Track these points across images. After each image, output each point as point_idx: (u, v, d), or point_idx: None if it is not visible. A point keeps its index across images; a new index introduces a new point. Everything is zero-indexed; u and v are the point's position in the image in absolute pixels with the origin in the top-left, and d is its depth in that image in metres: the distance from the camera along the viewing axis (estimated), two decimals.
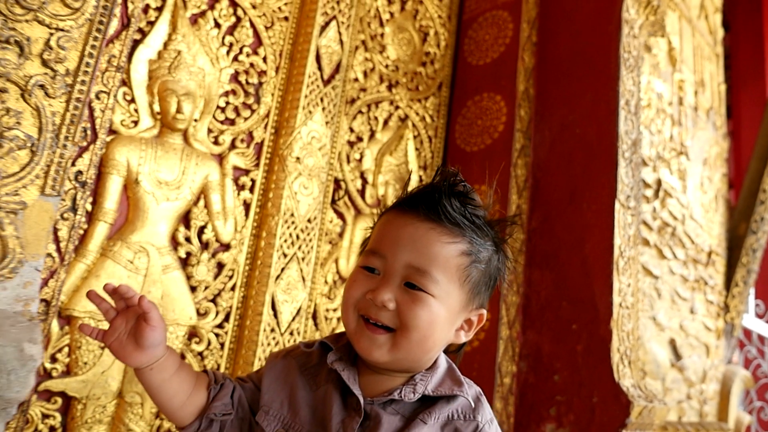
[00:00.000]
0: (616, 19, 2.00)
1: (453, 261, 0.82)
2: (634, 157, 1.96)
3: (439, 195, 0.82)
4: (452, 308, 0.83)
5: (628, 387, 1.71)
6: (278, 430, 0.84)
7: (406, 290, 0.81)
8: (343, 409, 0.82)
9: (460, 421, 0.82)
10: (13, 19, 0.66)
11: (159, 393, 0.83)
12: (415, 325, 0.80)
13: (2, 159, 0.64)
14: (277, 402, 0.86)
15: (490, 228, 0.87)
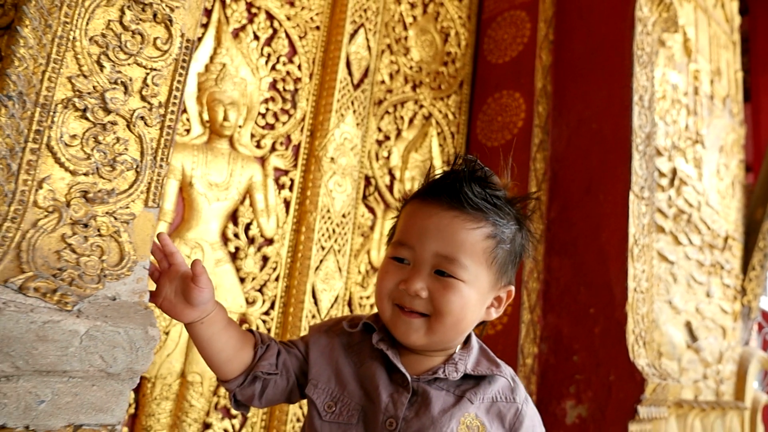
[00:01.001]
0: (629, 17, 2.10)
1: (479, 245, 0.85)
2: (647, 150, 2.06)
3: (459, 183, 0.85)
4: (482, 290, 0.87)
5: (643, 366, 1.84)
6: (328, 403, 0.88)
7: (436, 278, 0.84)
8: (389, 385, 0.86)
9: (503, 403, 0.87)
10: (119, 63, 0.81)
11: (209, 346, 0.86)
12: (449, 310, 0.83)
13: (116, 179, 0.79)
14: (324, 376, 0.89)
15: (511, 206, 0.89)
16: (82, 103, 0.76)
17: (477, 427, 0.83)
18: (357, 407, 0.87)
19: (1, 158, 0.69)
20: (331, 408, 0.88)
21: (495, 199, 0.86)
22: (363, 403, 0.87)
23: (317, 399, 0.88)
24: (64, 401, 0.68)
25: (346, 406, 0.87)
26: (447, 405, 0.84)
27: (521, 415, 0.86)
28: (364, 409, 0.86)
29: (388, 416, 0.83)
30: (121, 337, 0.69)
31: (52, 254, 0.71)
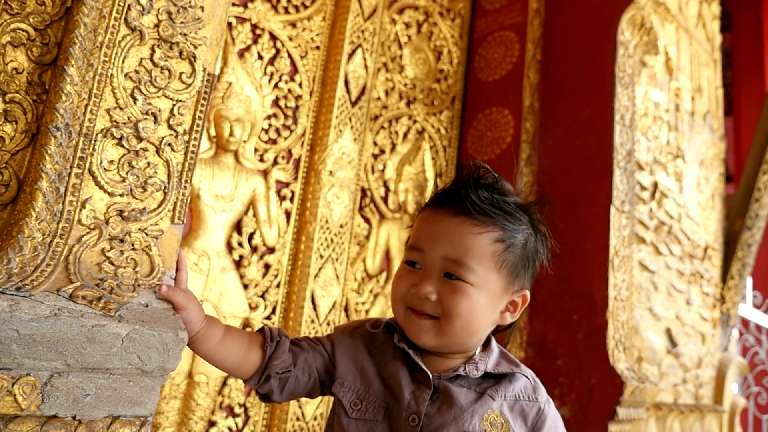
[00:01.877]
0: (611, 40, 2.22)
1: (487, 249, 0.86)
2: (628, 166, 2.18)
3: (465, 190, 0.87)
4: (492, 293, 0.88)
5: (622, 370, 1.95)
6: (354, 401, 0.90)
7: (446, 281, 0.86)
8: (411, 383, 0.88)
9: (526, 402, 0.88)
10: (150, 96, 0.91)
11: (211, 358, 0.89)
12: (457, 312, 0.85)
13: (147, 199, 0.89)
14: (350, 375, 0.92)
15: (524, 211, 0.90)
16: (119, 133, 0.86)
17: (501, 424, 0.85)
18: (382, 405, 0.89)
19: (51, 182, 0.79)
20: (357, 406, 0.90)
21: (504, 204, 0.88)
22: (388, 401, 0.89)
23: (344, 397, 0.90)
24: (105, 395, 0.77)
25: (371, 404, 0.90)
26: (469, 401, 0.86)
27: (544, 414, 0.88)
28: (389, 406, 0.88)
29: (410, 412, 0.85)
30: (155, 339, 0.79)
31: (94, 266, 0.81)
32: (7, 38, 0.85)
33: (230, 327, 0.93)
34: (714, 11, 3.71)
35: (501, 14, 2.50)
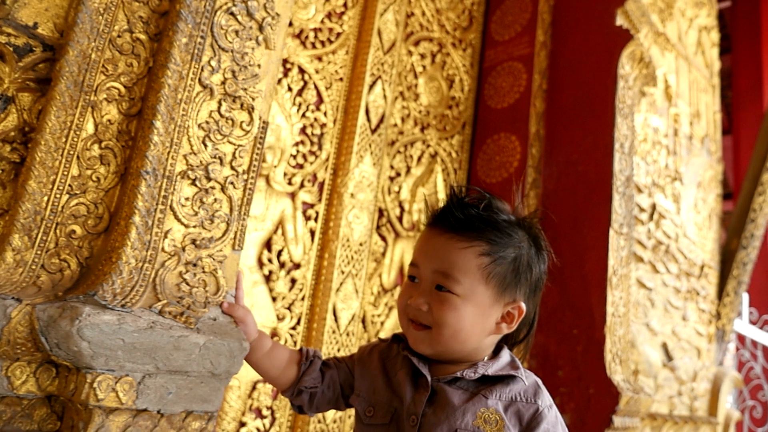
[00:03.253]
0: (612, 73, 2.39)
1: (472, 262, 0.91)
2: (627, 191, 2.35)
3: (449, 209, 0.95)
4: (481, 304, 0.92)
5: (619, 381, 2.10)
6: (368, 409, 0.98)
7: (436, 293, 0.92)
8: (414, 388, 0.95)
9: (523, 403, 0.90)
10: (217, 142, 1.08)
11: (258, 367, 1.03)
12: (445, 322, 0.91)
13: (214, 230, 1.05)
14: (365, 387, 1.01)
15: (519, 227, 0.95)
16: (193, 174, 1.03)
17: (496, 421, 0.88)
18: (391, 410, 0.96)
19: (142, 217, 0.96)
20: (370, 413, 0.98)
21: (492, 220, 0.93)
22: (396, 405, 0.95)
23: (359, 406, 1.00)
24: (183, 393, 0.94)
25: (381, 410, 0.97)
26: (462, 401, 0.90)
27: (540, 416, 0.89)
28: (396, 410, 0.95)
29: (410, 413, 0.92)
30: (225, 348, 0.95)
31: (174, 286, 0.98)
32: (103, 95, 1.02)
33: (276, 343, 1.08)
34: (713, 38, 3.87)
35: (510, 46, 2.68)
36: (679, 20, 3.41)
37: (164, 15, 1.10)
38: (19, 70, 0.99)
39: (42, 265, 0.92)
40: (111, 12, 1.04)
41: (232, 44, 1.11)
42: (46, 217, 0.94)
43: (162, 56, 1.04)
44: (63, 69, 0.98)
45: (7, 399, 0.88)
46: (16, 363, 0.88)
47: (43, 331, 0.85)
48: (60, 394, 0.91)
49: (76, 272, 0.96)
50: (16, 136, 0.98)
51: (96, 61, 1.01)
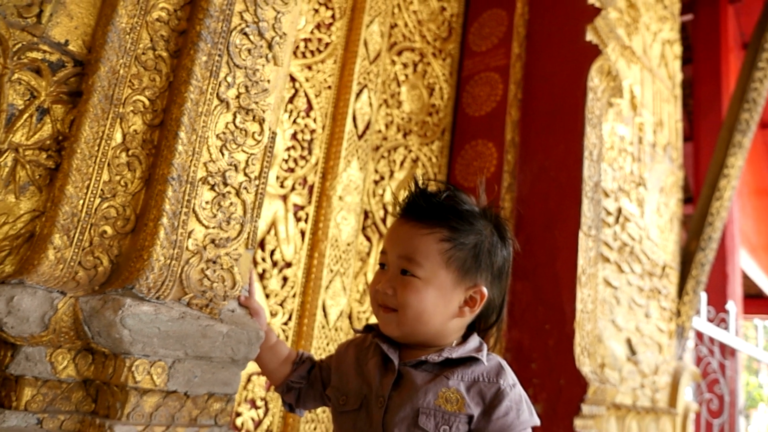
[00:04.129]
0: (582, 86, 2.56)
1: (433, 247, 0.96)
2: (595, 196, 2.52)
3: (411, 199, 1.01)
4: (442, 287, 0.96)
5: (587, 372, 2.27)
6: (341, 399, 1.04)
7: (401, 277, 0.97)
8: (383, 373, 1.00)
9: (485, 383, 0.94)
10: (232, 151, 1.19)
11: (260, 359, 1.13)
12: (407, 303, 0.96)
13: (230, 230, 1.16)
14: (338, 379, 1.07)
15: (482, 216, 1.00)
16: (212, 180, 1.14)
17: (456, 400, 0.92)
18: (361, 396, 1.01)
19: (169, 219, 1.07)
20: (342, 401, 1.04)
21: (453, 209, 0.97)
22: (365, 392, 1.01)
23: (333, 397, 1.07)
24: (206, 377, 1.05)
25: (352, 397, 1.02)
26: (424, 381, 0.95)
27: (501, 394, 0.93)
28: (366, 396, 1.00)
29: (378, 396, 0.98)
30: (244, 336, 1.06)
31: (197, 281, 1.08)
32: (130, 108, 1.12)
33: (279, 339, 1.19)
34: (676, 51, 4.10)
35: (487, 56, 2.83)
36: (644, 34, 3.62)
37: (182, 33, 1.21)
38: (53, 84, 1.08)
39: (79, 262, 1.02)
40: (136, 31, 1.14)
41: (245, 61, 1.22)
42: (82, 219, 1.04)
43: (183, 72, 1.15)
44: (95, 84, 1.07)
45: (50, 383, 0.98)
46: (59, 350, 0.98)
47: (86, 320, 0.95)
48: (96, 378, 1.00)
49: (108, 269, 1.06)
50: (51, 145, 1.07)
51: (124, 76, 1.11)
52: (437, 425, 0.91)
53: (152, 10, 1.16)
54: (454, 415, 0.92)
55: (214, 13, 1.17)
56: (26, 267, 0.98)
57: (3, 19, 1.03)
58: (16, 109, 1.04)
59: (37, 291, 0.94)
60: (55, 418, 0.97)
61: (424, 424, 0.91)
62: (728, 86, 5.79)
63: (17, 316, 0.92)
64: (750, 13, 5.85)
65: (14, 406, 0.95)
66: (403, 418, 0.93)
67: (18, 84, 1.04)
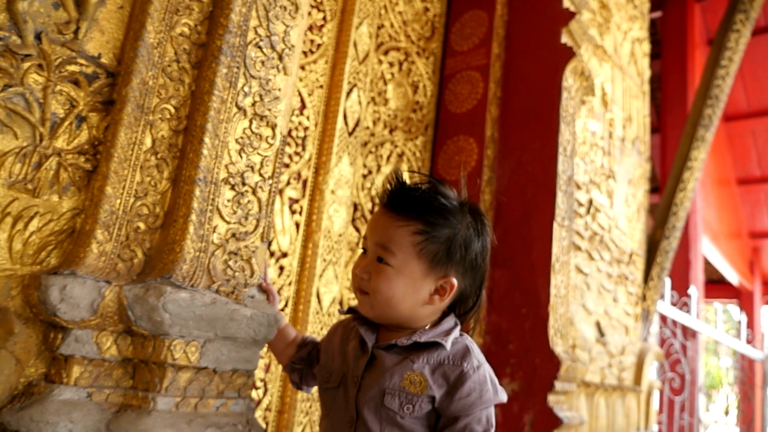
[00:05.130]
0: (557, 85, 2.73)
1: (406, 239, 1.01)
2: (568, 189, 2.70)
3: (390, 193, 1.07)
4: (412, 276, 1.02)
5: (559, 352, 2.46)
6: (325, 377, 1.13)
7: (376, 264, 1.04)
8: (359, 353, 1.07)
9: (449, 366, 1.00)
10: (249, 154, 1.31)
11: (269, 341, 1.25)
12: (377, 289, 1.03)
13: (248, 225, 1.29)
14: (324, 358, 1.16)
15: (461, 211, 1.04)
16: (232, 180, 1.27)
17: (419, 382, 0.99)
18: (340, 374, 1.09)
19: (197, 215, 1.20)
20: (326, 379, 1.13)
21: (430, 203, 1.02)
22: (345, 370, 1.09)
23: (319, 374, 1.17)
24: (231, 355, 1.19)
25: (334, 376, 1.11)
26: (392, 364, 1.02)
27: (464, 376, 0.99)
28: (345, 375, 1.08)
29: (354, 376, 1.06)
30: (264, 319, 1.20)
31: (221, 271, 1.22)
32: (158, 115, 1.24)
33: (287, 323, 1.33)
34: (644, 49, 4.31)
35: (468, 56, 2.98)
36: (615, 33, 3.81)
37: (202, 46, 1.33)
38: (90, 94, 1.20)
39: (118, 255, 1.15)
40: (162, 45, 1.26)
41: (259, 72, 1.35)
42: (120, 216, 1.16)
43: (206, 83, 1.27)
44: (128, 94, 1.20)
45: (95, 361, 1.11)
46: (103, 332, 1.11)
47: (129, 306, 1.08)
48: (135, 357, 1.14)
49: (142, 260, 1.19)
50: (88, 149, 1.19)
51: (152, 87, 1.24)
52: (401, 404, 0.98)
53: (176, 26, 1.28)
54: (417, 396, 0.98)
55: (233, 29, 1.29)
56: (73, 259, 1.10)
57: (46, 37, 1.14)
58: (57, 118, 1.15)
59: (86, 280, 1.06)
60: (101, 392, 1.10)
61: (389, 403, 0.99)
62: (694, 80, 6.05)
63: (69, 302, 1.04)
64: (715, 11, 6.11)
65: (65, 382, 1.08)
66: (372, 397, 1.01)
67: (59, 95, 1.16)
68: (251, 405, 1.23)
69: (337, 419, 1.07)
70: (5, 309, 1.04)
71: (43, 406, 1.02)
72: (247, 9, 1.32)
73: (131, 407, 1.09)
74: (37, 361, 1.10)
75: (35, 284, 1.05)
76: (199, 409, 1.13)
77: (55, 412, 1.02)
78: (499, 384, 1.05)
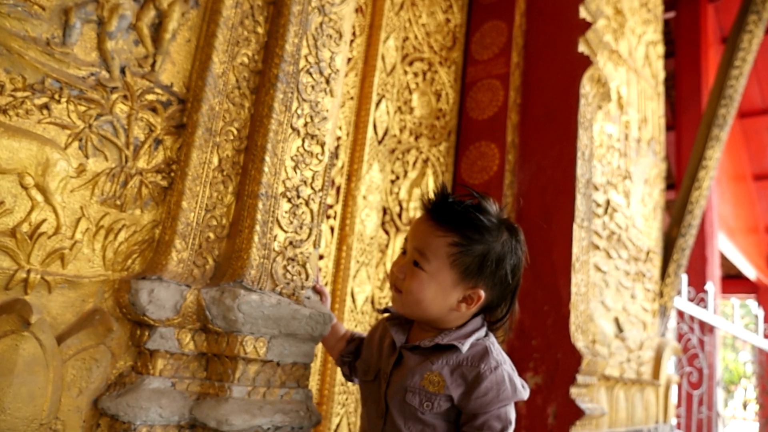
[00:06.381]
0: (575, 93, 2.85)
1: (443, 249, 1.08)
2: (587, 191, 2.83)
3: (436, 204, 1.14)
4: (443, 283, 1.08)
5: (581, 347, 2.59)
6: (365, 369, 1.25)
7: (412, 267, 1.11)
8: (390, 352, 1.17)
9: (467, 367, 1.07)
10: (302, 170, 1.47)
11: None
12: (409, 290, 1.11)
13: (302, 233, 1.44)
14: (366, 354, 1.27)
15: (499, 229, 1.11)
16: (289, 194, 1.42)
17: (438, 382, 1.06)
18: (376, 369, 1.20)
19: (261, 226, 1.35)
20: (365, 372, 1.25)
21: (468, 218, 1.09)
22: (380, 367, 1.19)
23: (360, 368, 1.29)
24: (292, 350, 1.34)
25: (372, 370, 1.21)
26: (414, 364, 1.10)
27: (481, 377, 1.05)
28: (379, 370, 1.19)
29: (384, 373, 1.16)
30: (321, 318, 1.35)
31: (282, 276, 1.37)
32: (224, 137, 1.40)
33: (337, 321, 1.47)
34: (659, 51, 4.41)
35: (489, 65, 3.11)
36: (629, 37, 3.92)
37: (258, 73, 1.48)
38: (165, 120, 1.36)
39: (193, 262, 1.31)
40: (226, 74, 1.41)
41: (310, 96, 1.50)
42: (194, 227, 1.32)
43: (264, 108, 1.43)
44: (199, 120, 1.35)
45: (176, 355, 1.26)
46: (182, 330, 1.26)
47: (207, 306, 1.23)
48: (209, 351, 1.29)
49: (212, 266, 1.35)
50: (164, 168, 1.35)
51: (218, 111, 1.39)
52: (421, 402, 1.07)
53: (237, 56, 1.44)
54: (435, 395, 1.06)
55: (288, 59, 1.44)
56: (156, 266, 1.26)
57: (129, 70, 1.30)
58: (139, 141, 1.31)
59: (170, 285, 1.22)
60: (182, 382, 1.26)
61: (410, 400, 1.08)
62: (708, 78, 6.12)
63: (156, 304, 1.20)
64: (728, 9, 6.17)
65: (152, 373, 1.24)
66: (396, 393, 1.11)
67: (140, 121, 1.31)
68: (309, 394, 1.39)
69: (372, 410, 1.18)
70: (103, 310, 1.20)
71: (137, 393, 1.18)
72: (299, 39, 1.47)
73: (209, 395, 1.25)
74: (126, 354, 1.26)
75: (126, 288, 1.21)
76: (266, 397, 1.28)
77: (147, 399, 1.18)
78: (523, 378, 1.15)
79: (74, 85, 1.20)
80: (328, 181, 1.53)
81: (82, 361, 1.16)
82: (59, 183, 1.16)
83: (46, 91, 1.16)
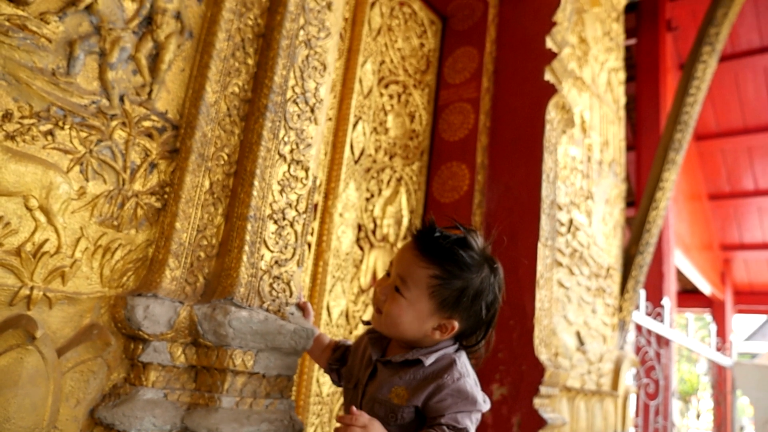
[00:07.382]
0: (541, 118, 3.02)
1: (424, 280, 1.15)
2: (551, 212, 2.99)
3: (422, 236, 1.20)
4: (420, 311, 1.16)
5: (544, 360, 2.73)
6: (348, 377, 1.36)
7: (393, 292, 1.19)
8: (368, 363, 1.27)
9: (432, 377, 1.16)
10: (288, 193, 1.57)
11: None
12: (388, 313, 1.20)
13: (286, 253, 1.54)
14: (351, 362, 1.38)
15: (480, 266, 1.18)
16: (275, 216, 1.52)
17: (403, 395, 1.16)
18: (356, 378, 1.30)
19: (249, 247, 1.44)
20: (348, 380, 1.35)
21: (452, 254, 1.15)
22: (359, 376, 1.30)
23: (344, 375, 1.40)
24: (277, 363, 1.43)
25: (353, 378, 1.32)
26: (384, 377, 1.21)
27: (443, 386, 1.14)
28: (359, 380, 1.29)
29: (361, 383, 1.27)
30: (304, 333, 1.45)
31: (268, 293, 1.46)
32: (215, 162, 1.49)
33: (321, 332, 1.58)
34: (620, 78, 4.64)
35: (460, 89, 3.26)
36: (593, 65, 4.13)
37: (248, 102, 1.58)
38: (160, 145, 1.44)
39: (185, 279, 1.39)
40: (218, 103, 1.51)
41: (296, 124, 1.60)
42: (186, 247, 1.40)
43: (254, 135, 1.52)
44: (192, 146, 1.44)
45: (167, 368, 1.34)
46: (174, 343, 1.34)
47: (199, 322, 1.32)
48: (199, 364, 1.38)
49: (202, 284, 1.43)
50: (159, 190, 1.43)
51: (210, 138, 1.48)
52: (386, 413, 1.17)
53: (228, 86, 1.53)
54: (399, 407, 1.16)
55: (276, 89, 1.55)
56: (150, 283, 1.34)
57: (127, 98, 1.38)
58: (135, 165, 1.39)
59: (165, 301, 1.30)
60: (174, 393, 1.34)
61: (377, 410, 1.18)
62: (666, 101, 6.43)
63: (151, 319, 1.28)
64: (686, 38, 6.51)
65: (145, 384, 1.31)
66: (368, 403, 1.21)
67: (137, 146, 1.40)
68: (292, 404, 1.48)
69: None
70: (100, 324, 1.27)
71: (132, 404, 1.25)
72: (287, 71, 1.58)
73: (199, 405, 1.33)
74: (120, 367, 1.33)
75: (122, 304, 1.28)
76: (253, 407, 1.37)
77: (141, 409, 1.25)
78: (489, 389, 1.28)
79: (77, 112, 1.28)
80: (311, 203, 1.63)
81: (80, 373, 1.23)
82: (61, 205, 1.23)
83: (50, 119, 1.24)
